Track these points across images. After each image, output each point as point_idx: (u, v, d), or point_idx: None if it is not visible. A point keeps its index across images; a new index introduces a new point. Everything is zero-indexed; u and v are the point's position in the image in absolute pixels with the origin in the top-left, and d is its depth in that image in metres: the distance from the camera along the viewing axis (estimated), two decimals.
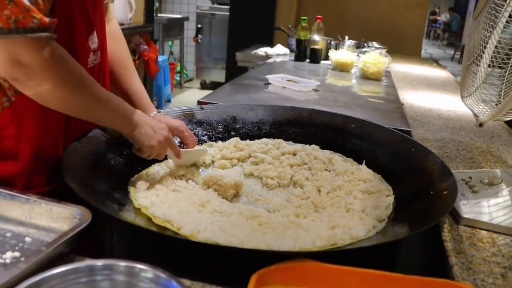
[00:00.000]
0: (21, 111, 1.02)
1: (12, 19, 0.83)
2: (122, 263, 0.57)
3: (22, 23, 0.84)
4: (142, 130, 1.10)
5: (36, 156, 1.06)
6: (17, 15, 0.83)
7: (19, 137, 1.03)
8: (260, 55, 3.45)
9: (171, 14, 7.42)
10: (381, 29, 4.26)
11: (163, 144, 1.14)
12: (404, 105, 2.02)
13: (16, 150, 1.04)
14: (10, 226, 0.81)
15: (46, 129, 1.07)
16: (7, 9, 0.82)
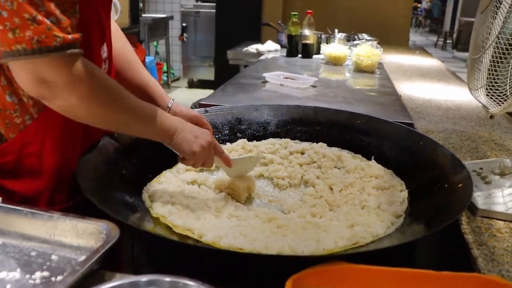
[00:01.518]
0: (43, 129, 1.01)
1: (35, 39, 0.82)
2: (166, 278, 0.57)
3: (45, 43, 0.83)
4: (181, 136, 1.06)
5: (58, 172, 1.05)
6: (39, 35, 0.82)
7: (41, 154, 1.02)
8: (252, 52, 3.44)
9: (155, 14, 7.36)
10: (369, 20, 4.27)
11: (207, 150, 1.09)
12: (401, 97, 2.03)
13: (38, 167, 1.03)
14: (34, 245, 0.80)
15: (67, 145, 1.06)
16: (30, 29, 0.81)
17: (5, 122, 1.00)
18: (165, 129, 1.05)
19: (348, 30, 3.68)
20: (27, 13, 0.81)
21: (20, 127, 1.01)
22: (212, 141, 1.11)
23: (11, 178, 1.02)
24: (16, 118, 1.00)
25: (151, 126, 1.03)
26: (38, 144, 1.01)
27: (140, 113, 1.02)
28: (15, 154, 1.01)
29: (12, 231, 0.83)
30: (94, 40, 1.07)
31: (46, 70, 0.85)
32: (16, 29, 0.81)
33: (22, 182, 1.02)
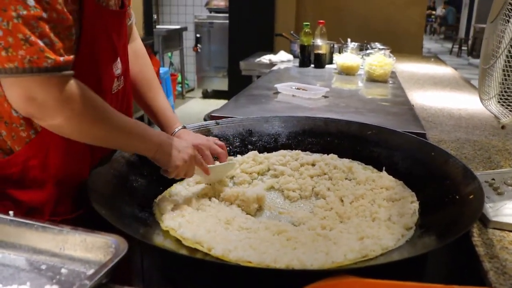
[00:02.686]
0: (46, 142, 1.04)
1: (27, 59, 0.85)
2: None
3: (37, 63, 0.86)
4: (165, 151, 1.11)
5: (62, 184, 1.08)
6: (31, 55, 0.85)
7: (45, 166, 1.05)
8: (264, 63, 3.46)
9: (169, 25, 7.44)
10: (381, 28, 4.26)
11: (189, 163, 1.15)
12: (414, 107, 2.02)
13: (42, 179, 1.06)
14: (45, 258, 0.81)
15: (70, 157, 1.08)
16: (22, 49, 0.85)
17: (11, 135, 1.03)
18: (148, 144, 1.10)
19: (361, 39, 3.68)
20: (21, 33, 0.84)
21: (25, 140, 1.04)
22: (194, 154, 1.17)
23: (18, 188, 1.05)
24: (21, 132, 1.03)
25: (135, 141, 1.09)
26: (42, 157, 1.04)
27: (125, 130, 1.06)
28: (20, 166, 1.04)
29: (24, 245, 0.84)
30: (103, 58, 1.10)
31: (36, 90, 0.88)
32: (10, 48, 0.84)
33: (28, 192, 1.05)
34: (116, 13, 1.15)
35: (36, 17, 0.85)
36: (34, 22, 0.85)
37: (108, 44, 1.13)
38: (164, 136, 1.14)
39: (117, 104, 1.18)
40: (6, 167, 1.04)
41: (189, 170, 1.17)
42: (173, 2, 7.68)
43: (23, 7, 0.84)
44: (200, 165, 1.19)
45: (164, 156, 1.12)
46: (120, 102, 1.22)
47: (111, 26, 1.13)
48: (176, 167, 1.13)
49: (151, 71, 1.40)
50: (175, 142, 1.15)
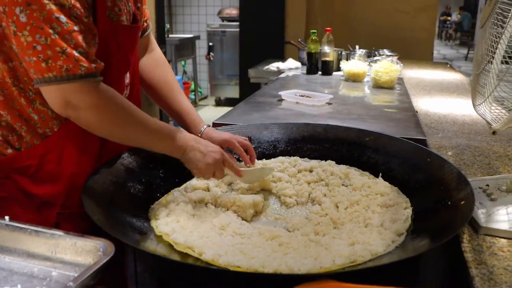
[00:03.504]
0: (63, 139, 1.13)
1: (64, 68, 0.97)
2: None
3: (72, 71, 0.98)
4: (191, 154, 1.19)
5: (74, 179, 1.15)
6: (68, 65, 0.98)
7: (60, 161, 1.14)
8: (272, 71, 3.48)
9: (182, 34, 7.52)
10: (391, 35, 4.26)
11: (214, 166, 1.20)
12: (418, 113, 2.02)
13: (57, 174, 1.14)
14: (37, 262, 0.84)
15: (84, 155, 1.16)
16: (60, 60, 0.97)
17: (30, 130, 1.13)
18: (177, 147, 1.18)
19: (371, 46, 3.68)
20: (58, 46, 0.97)
21: (42, 137, 1.13)
22: (220, 158, 1.21)
23: (32, 182, 1.14)
24: (38, 129, 1.13)
25: (164, 143, 1.18)
26: (58, 152, 1.13)
27: (154, 132, 1.15)
28: (38, 159, 1.13)
29: (18, 249, 0.86)
30: (116, 69, 1.18)
31: (72, 95, 1.01)
32: (49, 60, 0.97)
33: (42, 186, 1.14)
34: (127, 28, 1.21)
35: (70, 31, 0.98)
36: (68, 35, 0.98)
37: (121, 56, 1.20)
38: (191, 140, 1.20)
39: None
40: (25, 158, 1.13)
41: (217, 171, 1.22)
42: (186, 11, 7.77)
43: (57, 24, 0.96)
44: (231, 167, 1.24)
45: (190, 159, 1.19)
46: None
47: (123, 40, 1.20)
48: (199, 170, 1.20)
49: (172, 76, 1.48)
50: (201, 146, 1.21)
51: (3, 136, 1.14)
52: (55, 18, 0.96)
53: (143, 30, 1.41)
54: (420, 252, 0.92)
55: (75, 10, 0.99)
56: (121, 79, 1.22)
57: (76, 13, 0.99)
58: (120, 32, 1.17)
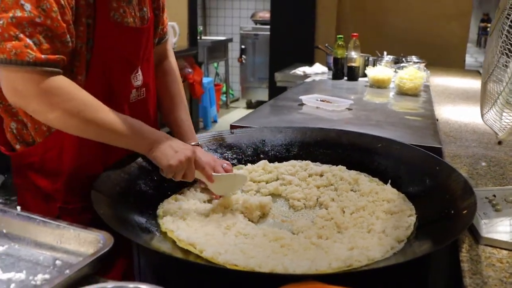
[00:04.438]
0: (61, 137, 1.16)
1: (13, 52, 0.98)
2: (130, 285, 0.62)
3: (20, 56, 0.99)
4: (160, 149, 1.15)
5: (74, 175, 1.19)
6: (16, 49, 0.98)
7: (60, 159, 1.18)
8: (299, 75, 3.49)
9: (216, 36, 7.61)
10: (422, 42, 4.21)
11: (186, 165, 1.16)
12: (438, 121, 2.00)
13: (57, 170, 1.18)
14: (43, 251, 0.89)
15: (83, 153, 1.19)
16: (11, 43, 0.98)
17: (35, 127, 1.17)
18: (144, 141, 1.15)
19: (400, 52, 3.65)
20: (12, 31, 0.98)
21: (45, 134, 1.17)
22: (192, 156, 1.17)
23: (39, 176, 1.20)
24: (42, 126, 1.17)
25: (128, 137, 1.14)
26: (58, 149, 1.17)
27: (117, 126, 1.11)
28: (39, 156, 1.18)
29: (27, 237, 0.92)
30: (116, 69, 1.20)
31: (19, 81, 1.02)
32: (2, 41, 0.99)
33: (46, 181, 1.19)
34: (132, 30, 1.24)
35: (29, 20, 0.99)
36: (26, 23, 0.99)
37: (122, 57, 1.22)
38: (162, 135, 1.18)
39: (135, 113, 1.25)
40: (27, 156, 1.19)
41: (188, 172, 1.18)
42: (220, 14, 7.86)
43: (20, 10, 0.99)
44: (202, 170, 1.20)
45: (159, 155, 1.15)
46: (139, 111, 1.29)
47: (126, 41, 1.22)
48: (169, 167, 1.14)
49: (176, 86, 1.47)
50: (173, 142, 1.18)
51: (18, 130, 1.20)
52: (20, 5, 0.98)
53: (160, 37, 1.45)
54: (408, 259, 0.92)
55: (45, 2, 1.00)
56: (124, 78, 1.23)
57: (45, 6, 1.00)
58: (122, 33, 1.20)
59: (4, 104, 1.18)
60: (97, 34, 1.12)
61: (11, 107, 1.18)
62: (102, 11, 1.13)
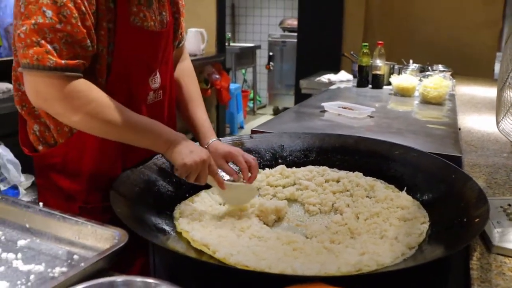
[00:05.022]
0: (83, 139, 1.20)
1: (35, 57, 1.03)
2: (138, 279, 0.66)
3: (42, 62, 1.03)
4: (177, 148, 1.19)
5: (95, 177, 1.23)
6: (38, 55, 1.03)
7: (81, 160, 1.22)
8: (324, 82, 3.50)
9: (244, 43, 7.67)
10: (450, 50, 4.16)
11: (200, 166, 1.19)
12: (460, 130, 1.98)
13: (78, 171, 1.23)
14: (62, 245, 0.93)
15: (104, 155, 1.23)
16: (33, 49, 1.03)
17: (57, 129, 1.22)
18: (163, 140, 1.19)
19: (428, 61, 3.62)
20: (34, 37, 1.03)
21: (67, 135, 1.21)
22: (206, 160, 1.20)
23: (60, 176, 1.24)
24: (65, 127, 1.21)
25: (146, 137, 1.19)
26: (79, 151, 1.21)
27: (135, 126, 1.17)
28: (61, 157, 1.22)
29: (48, 232, 0.97)
30: (136, 71, 1.24)
31: (41, 85, 1.06)
32: (26, 47, 1.04)
33: (67, 181, 1.24)
34: (152, 33, 1.28)
35: (50, 26, 1.03)
36: (47, 29, 1.03)
37: (142, 60, 1.26)
38: (179, 136, 1.21)
39: (152, 114, 1.29)
40: (49, 157, 1.24)
41: (201, 175, 1.21)
42: (249, 21, 7.93)
43: (41, 17, 1.03)
44: (214, 175, 1.23)
45: (175, 154, 1.18)
46: (157, 112, 1.33)
47: (145, 44, 1.26)
48: (184, 165, 1.17)
49: (194, 87, 1.53)
50: (190, 143, 1.22)
51: (40, 132, 1.25)
52: (42, 12, 1.03)
53: (179, 41, 1.50)
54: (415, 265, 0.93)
55: (65, 9, 1.04)
56: (143, 81, 1.27)
57: (65, 12, 1.05)
58: (142, 36, 1.24)
59: (28, 107, 1.23)
60: (118, 38, 1.17)
61: (34, 110, 1.23)
62: (122, 16, 1.17)
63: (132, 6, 1.20)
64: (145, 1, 1.24)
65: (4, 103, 2.45)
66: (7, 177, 2.53)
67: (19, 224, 1.00)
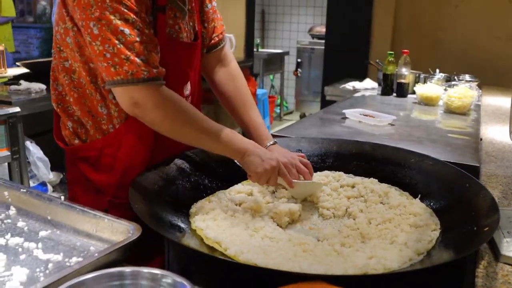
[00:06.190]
0: (120, 137, 1.29)
1: (130, 72, 1.13)
2: (145, 270, 0.69)
3: (136, 75, 1.14)
4: (250, 158, 1.27)
5: (126, 172, 1.30)
6: (132, 70, 1.13)
7: (115, 156, 1.30)
8: (348, 89, 3.51)
9: (273, 49, 7.73)
10: (478, 60, 4.10)
11: (270, 172, 1.27)
12: (482, 140, 1.97)
13: (111, 166, 1.31)
14: (80, 237, 0.98)
15: (138, 152, 1.31)
16: (125, 65, 1.13)
17: (95, 126, 1.30)
18: (236, 150, 1.28)
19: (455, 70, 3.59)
20: (123, 54, 1.13)
21: (104, 132, 1.30)
22: (276, 166, 1.28)
23: (91, 170, 1.32)
24: (103, 125, 1.30)
25: (223, 145, 1.28)
26: (115, 147, 1.29)
27: (214, 133, 1.26)
28: (97, 151, 1.31)
29: (67, 224, 1.02)
30: (173, 80, 1.30)
31: (138, 95, 1.16)
32: (117, 65, 1.13)
33: (98, 175, 1.32)
34: (186, 45, 1.35)
35: (132, 42, 1.13)
36: (131, 45, 1.13)
37: (178, 70, 1.34)
38: (251, 145, 1.29)
39: None
40: (86, 149, 1.32)
41: (271, 179, 1.29)
42: (278, 27, 7.99)
43: (121, 36, 1.13)
44: (284, 176, 1.30)
45: (248, 163, 1.27)
46: None
47: (181, 55, 1.34)
48: (256, 174, 1.27)
49: (246, 90, 1.57)
50: (260, 151, 1.29)
51: (73, 129, 1.34)
52: (120, 31, 1.12)
53: (215, 44, 1.54)
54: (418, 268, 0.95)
55: (137, 23, 1.14)
56: (178, 89, 1.33)
57: (138, 26, 1.14)
58: (178, 48, 1.31)
59: (63, 106, 1.33)
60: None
61: (68, 108, 1.33)
62: (160, 28, 1.25)
63: (168, 19, 1.28)
64: (180, 14, 1.31)
65: (37, 102, 2.55)
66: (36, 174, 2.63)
67: (41, 216, 1.06)
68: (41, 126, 2.71)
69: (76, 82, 1.29)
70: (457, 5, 4.30)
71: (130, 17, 1.13)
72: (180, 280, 0.67)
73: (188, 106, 1.24)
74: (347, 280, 0.86)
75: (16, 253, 0.93)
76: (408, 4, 4.55)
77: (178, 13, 1.30)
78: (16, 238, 0.98)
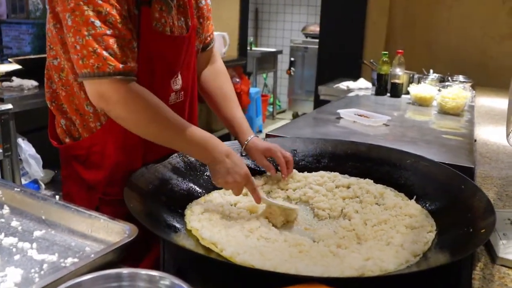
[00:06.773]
0: (107, 134, 1.28)
1: (95, 65, 1.11)
2: (143, 271, 0.69)
3: (102, 69, 1.12)
4: (216, 167, 1.25)
5: (114, 170, 1.30)
6: (98, 63, 1.11)
7: (104, 153, 1.30)
8: (342, 89, 3.51)
9: (267, 47, 7.72)
10: (472, 61, 4.12)
11: (231, 186, 1.26)
12: (476, 141, 1.98)
13: (100, 164, 1.31)
14: (75, 237, 0.97)
15: (125, 149, 1.30)
16: (92, 58, 1.11)
17: (83, 124, 1.30)
18: (205, 155, 1.26)
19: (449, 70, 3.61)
20: (90, 47, 1.10)
21: (92, 130, 1.29)
22: (241, 182, 1.25)
23: (83, 167, 1.32)
24: (91, 123, 1.29)
25: (193, 147, 1.26)
26: (102, 145, 1.29)
27: (184, 135, 1.22)
28: (85, 150, 1.31)
29: (62, 224, 1.01)
30: (158, 73, 1.30)
31: (103, 89, 1.14)
32: (84, 58, 1.12)
33: (89, 172, 1.32)
34: (173, 38, 1.33)
35: (102, 34, 1.11)
36: (100, 38, 1.11)
37: (165, 64, 1.32)
38: (223, 153, 1.25)
39: None
40: (75, 148, 1.33)
41: (234, 191, 1.28)
42: (272, 26, 7.98)
43: (92, 27, 1.11)
44: (252, 192, 1.27)
45: (214, 172, 1.26)
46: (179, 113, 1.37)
47: (166, 49, 1.32)
48: (217, 183, 1.28)
49: (229, 87, 1.59)
50: (228, 163, 1.25)
51: (67, 127, 1.34)
52: (91, 22, 1.10)
53: (207, 44, 1.55)
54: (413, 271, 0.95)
55: (110, 16, 1.12)
56: (165, 83, 1.33)
57: (111, 19, 1.12)
58: (164, 41, 1.30)
59: (57, 104, 1.33)
60: (141, 42, 1.23)
61: (62, 106, 1.32)
62: (145, 21, 1.24)
63: (154, 12, 1.26)
64: (166, 8, 1.29)
65: (29, 99, 2.53)
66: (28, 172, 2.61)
67: (36, 216, 1.05)
68: (33, 123, 2.68)
69: (64, 80, 1.29)
70: (451, 5, 4.32)
71: (103, 10, 1.11)
72: (178, 282, 0.67)
73: (158, 103, 1.20)
74: (344, 282, 0.86)
75: (10, 253, 0.92)
76: (403, 4, 4.56)
77: (164, 6, 1.29)
78: (10, 238, 0.97)
